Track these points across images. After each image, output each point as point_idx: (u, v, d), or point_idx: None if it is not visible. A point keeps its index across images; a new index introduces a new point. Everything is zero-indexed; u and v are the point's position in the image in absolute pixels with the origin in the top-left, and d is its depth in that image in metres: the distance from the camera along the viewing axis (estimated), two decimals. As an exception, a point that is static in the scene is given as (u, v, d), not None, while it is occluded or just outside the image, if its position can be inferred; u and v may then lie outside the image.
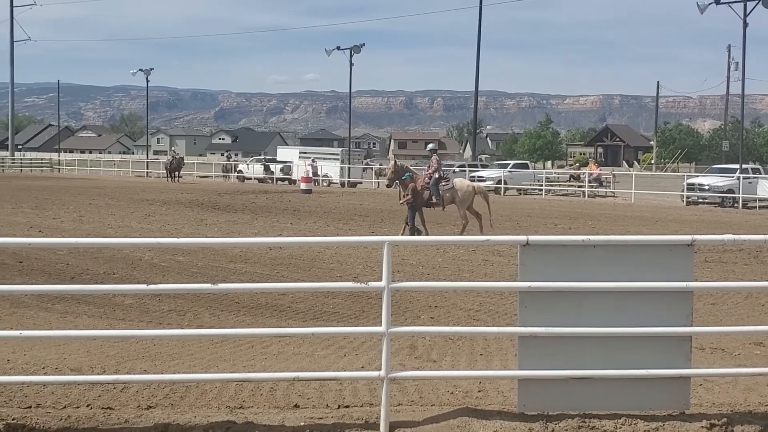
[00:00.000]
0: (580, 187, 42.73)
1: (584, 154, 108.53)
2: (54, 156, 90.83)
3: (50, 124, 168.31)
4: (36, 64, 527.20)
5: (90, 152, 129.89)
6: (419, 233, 19.26)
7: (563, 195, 42.09)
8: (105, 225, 21.66)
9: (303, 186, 41.47)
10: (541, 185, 43.44)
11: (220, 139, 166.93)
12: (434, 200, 19.80)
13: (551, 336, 5.91)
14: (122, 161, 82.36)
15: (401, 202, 20.55)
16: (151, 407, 6.28)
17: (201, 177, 60.52)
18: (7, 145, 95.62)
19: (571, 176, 47.79)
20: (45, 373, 7.20)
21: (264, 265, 14.85)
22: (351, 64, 58.52)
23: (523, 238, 5.95)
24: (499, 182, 43.50)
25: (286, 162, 55.52)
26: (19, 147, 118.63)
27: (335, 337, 9.01)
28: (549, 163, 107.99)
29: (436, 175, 19.91)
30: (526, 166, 52.36)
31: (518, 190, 43.95)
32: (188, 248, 15.81)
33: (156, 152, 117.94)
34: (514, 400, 6.12)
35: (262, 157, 61.74)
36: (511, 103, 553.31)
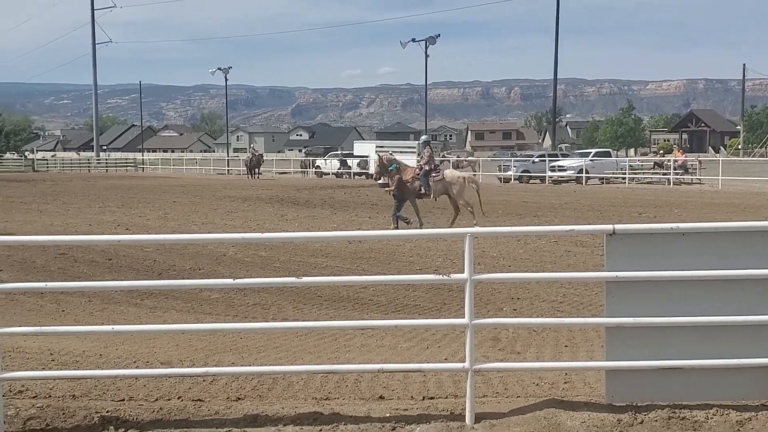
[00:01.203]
0: (664, 174, 41.67)
1: (668, 140, 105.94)
2: (138, 155, 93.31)
3: (133, 125, 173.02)
4: (118, 66, 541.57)
5: (172, 151, 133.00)
6: (407, 223, 19.56)
7: (647, 183, 41.15)
8: (189, 222, 22.13)
9: (380, 180, 41.52)
10: (624, 174, 42.59)
11: (297, 135, 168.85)
12: (423, 191, 20.02)
13: (639, 326, 5.80)
14: (203, 159, 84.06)
15: (387, 190, 20.75)
16: (239, 399, 6.40)
17: (280, 173, 61.30)
18: (93, 146, 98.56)
19: (656, 164, 46.63)
20: (137, 367, 7.40)
21: (344, 259, 14.96)
22: (426, 56, 58.39)
23: (609, 227, 5.85)
24: (580, 171, 42.82)
25: (362, 156, 55.76)
26: (104, 147, 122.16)
27: (417, 329, 9.03)
28: (632, 151, 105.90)
29: (427, 167, 20.15)
30: (608, 155, 51.35)
31: (600, 179, 43.17)
32: (270, 243, 16.04)
33: (236, 150, 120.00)
34: (602, 391, 6.03)
35: (338, 152, 62.04)
36: (591, 90, 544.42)
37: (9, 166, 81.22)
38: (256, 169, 54.46)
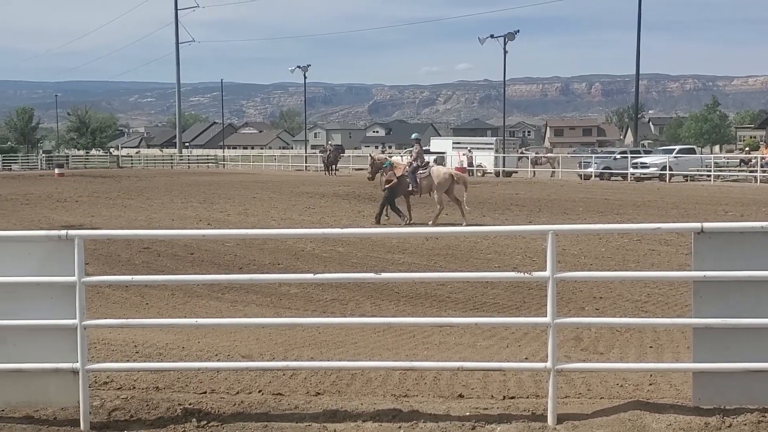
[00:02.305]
0: (751, 172, 40.39)
1: (755, 137, 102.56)
2: (218, 152, 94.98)
3: (214, 122, 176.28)
4: (200, 65, 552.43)
5: (252, 148, 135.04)
6: (400, 215, 20.34)
7: (733, 181, 39.94)
8: (268, 217, 22.40)
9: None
10: (710, 171, 41.43)
11: (374, 132, 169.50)
12: (411, 188, 20.47)
13: (728, 327, 5.60)
14: (282, 156, 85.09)
15: (382, 189, 21.25)
16: (319, 393, 6.41)
17: (357, 170, 61.57)
18: (176, 143, 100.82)
19: (742, 161, 45.24)
20: (218, 360, 7.50)
21: (421, 255, 14.91)
22: (505, 52, 57.84)
23: (697, 225, 5.66)
24: (663, 168, 41.83)
25: (439, 153, 55.61)
26: (186, 144, 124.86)
27: (497, 327, 8.92)
28: (717, 148, 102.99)
29: (415, 164, 20.59)
30: (692, 152, 49.97)
31: (684, 176, 42.09)
32: (348, 239, 16.11)
33: (313, 146, 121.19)
34: (688, 393, 5.86)
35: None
36: (675, 85, 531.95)
37: (95, 162, 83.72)
38: (333, 166, 54.86)
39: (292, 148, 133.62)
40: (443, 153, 54.59)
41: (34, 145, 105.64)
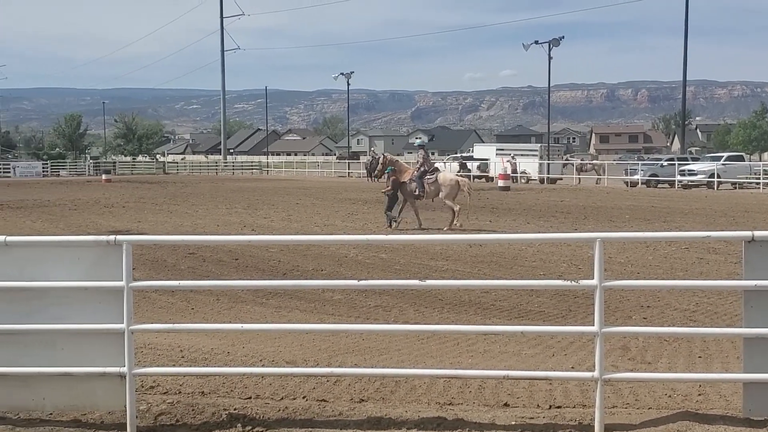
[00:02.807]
0: (801, 179, 39.59)
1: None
2: (262, 158, 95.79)
3: (258, 129, 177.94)
4: (244, 72, 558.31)
5: (295, 154, 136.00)
6: (394, 222, 20.96)
7: (783, 189, 39.25)
8: (311, 223, 22.49)
9: (501, 183, 41.17)
10: (759, 179, 40.68)
11: (416, 138, 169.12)
12: (417, 192, 21.05)
13: (780, 338, 5.48)
14: (325, 162, 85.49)
15: (383, 191, 21.96)
16: (363, 400, 6.40)
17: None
18: (220, 149, 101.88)
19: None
20: (263, 365, 7.52)
21: (465, 262, 14.83)
22: (550, 58, 57.49)
23: (748, 233, 5.55)
24: (711, 176, 41.19)
25: (483, 159, 55.41)
26: (231, 151, 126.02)
27: (542, 336, 8.83)
28: (766, 155, 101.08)
29: (422, 170, 21.20)
30: (741, 159, 49.18)
31: (733, 184, 41.43)
32: (391, 245, 16.09)
33: (355, 153, 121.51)
34: (739, 404, 5.75)
35: (458, 155, 61.80)
36: (723, 92, 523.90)
37: (141, 168, 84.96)
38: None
39: (334, 155, 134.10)
40: (487, 159, 54.42)
41: (81, 151, 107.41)
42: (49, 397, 5.92)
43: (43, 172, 73.66)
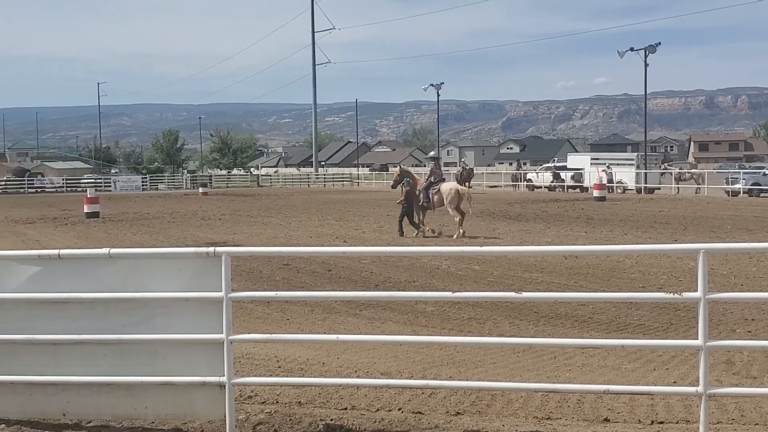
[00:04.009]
0: None
1: None
2: (353, 171, 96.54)
3: (349, 141, 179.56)
4: (335, 85, 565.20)
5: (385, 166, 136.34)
6: (409, 230, 21.86)
7: None
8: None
9: (596, 193, 40.38)
10: None
11: (508, 148, 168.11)
12: (422, 202, 22.18)
13: None
14: (415, 174, 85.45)
15: (397, 202, 22.95)
16: (459, 413, 6.33)
17: (490, 187, 61.18)
18: (312, 162, 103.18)
19: None
20: (358, 376, 7.54)
21: (560, 274, 14.58)
22: (646, 65, 56.14)
23: None
24: (816, 184, 39.53)
25: (577, 169, 54.52)
26: (322, 163, 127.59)
27: (642, 350, 8.59)
28: None
29: (429, 180, 22.36)
30: None
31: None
32: (484, 257, 15.95)
33: (446, 164, 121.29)
34: None
35: (551, 164, 60.99)
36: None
37: (236, 181, 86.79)
38: (467, 183, 54.74)
39: (424, 166, 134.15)
40: (581, 169, 53.50)
41: (179, 165, 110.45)
42: (151, 406, 6.05)
43: (143, 185, 76.03)
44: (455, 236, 21.36)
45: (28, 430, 6.06)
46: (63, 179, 76.73)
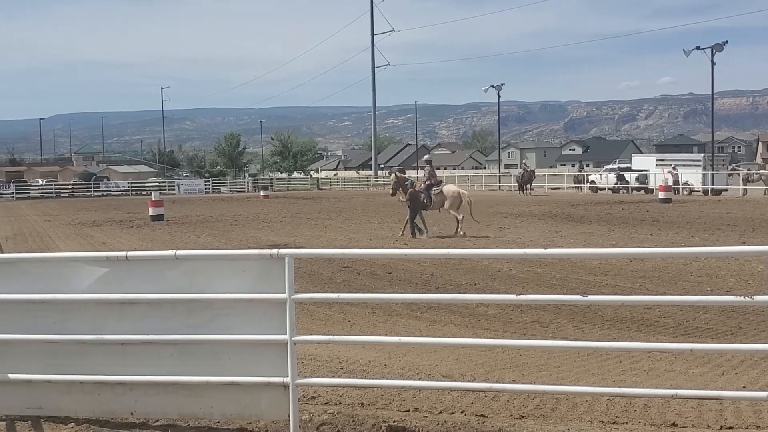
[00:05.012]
0: None
1: None
2: (412, 173, 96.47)
3: (408, 144, 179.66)
4: (394, 87, 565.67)
5: (444, 168, 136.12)
6: (420, 232, 22.70)
7: None
8: (462, 238, 22.38)
9: (661, 195, 39.67)
10: None
11: (570, 150, 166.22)
12: (426, 202, 23.08)
13: None
14: (475, 176, 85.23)
15: (402, 202, 23.94)
16: (523, 417, 6.26)
17: (552, 189, 60.60)
18: (371, 164, 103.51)
19: None
20: (419, 379, 7.51)
21: (625, 277, 14.34)
22: (713, 64, 54.97)
23: None
24: None
25: (641, 170, 53.65)
26: (381, 166, 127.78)
27: (710, 354, 8.40)
28: None
29: (428, 182, 23.38)
30: None
31: None
32: (546, 260, 15.79)
33: (506, 166, 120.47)
34: None
35: (615, 166, 60.04)
36: None
37: (296, 184, 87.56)
38: (528, 185, 54.31)
39: (485, 168, 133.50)
40: (646, 171, 52.65)
41: (240, 168, 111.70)
42: (216, 406, 6.12)
43: (205, 189, 77.26)
44: (454, 234, 22.65)
45: (96, 428, 6.18)
46: (128, 183, 78.40)
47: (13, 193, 69.62)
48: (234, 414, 6.15)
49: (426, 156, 26.67)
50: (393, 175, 25.81)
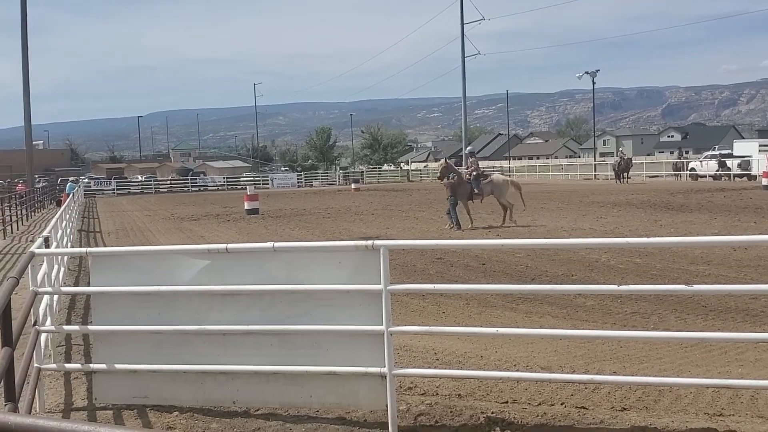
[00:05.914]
0: None
1: None
2: (504, 163, 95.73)
3: (499, 134, 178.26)
4: (484, 77, 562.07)
5: (537, 158, 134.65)
6: (454, 224, 22.97)
7: None
8: (558, 228, 22.06)
9: (765, 181, 38.25)
10: None
11: (668, 136, 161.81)
12: (476, 191, 23.65)
13: None
14: (569, 165, 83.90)
15: (444, 183, 24.18)
16: (625, 409, 6.14)
17: (650, 177, 59.11)
18: (462, 156, 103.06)
19: None
20: (517, 370, 7.43)
21: (729, 267, 13.87)
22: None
23: None
24: None
25: (743, 156, 51.81)
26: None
27: (822, 345, 8.05)
28: None
29: (475, 173, 23.89)
30: None
31: None
32: (646, 249, 15.40)
33: (602, 154, 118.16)
34: None
35: (716, 152, 58.15)
36: None
37: (387, 177, 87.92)
38: (625, 174, 53.15)
39: (579, 157, 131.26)
40: (748, 157, 50.85)
41: (331, 162, 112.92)
42: (315, 395, 6.20)
43: (298, 182, 78.37)
44: (501, 224, 23.10)
45: (200, 416, 6.34)
46: (224, 178, 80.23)
47: (114, 189, 72.20)
48: (333, 403, 6.22)
49: (469, 148, 28.12)
50: (443, 160, 26.03)
